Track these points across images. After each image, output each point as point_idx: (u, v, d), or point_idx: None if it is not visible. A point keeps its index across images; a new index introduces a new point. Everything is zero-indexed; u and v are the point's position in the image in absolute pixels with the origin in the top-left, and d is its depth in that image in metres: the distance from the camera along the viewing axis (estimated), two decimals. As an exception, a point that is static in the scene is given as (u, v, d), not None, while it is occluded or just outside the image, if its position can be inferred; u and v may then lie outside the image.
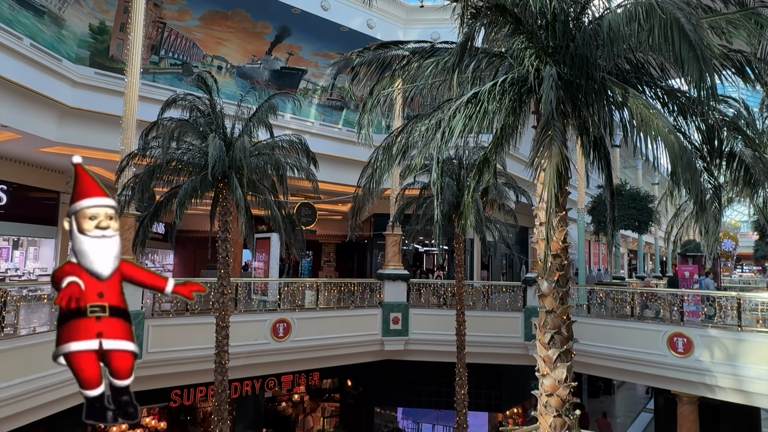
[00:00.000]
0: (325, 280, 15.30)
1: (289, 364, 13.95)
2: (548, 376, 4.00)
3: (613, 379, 25.40)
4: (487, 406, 16.71)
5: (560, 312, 3.98)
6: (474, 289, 16.67)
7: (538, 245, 4.02)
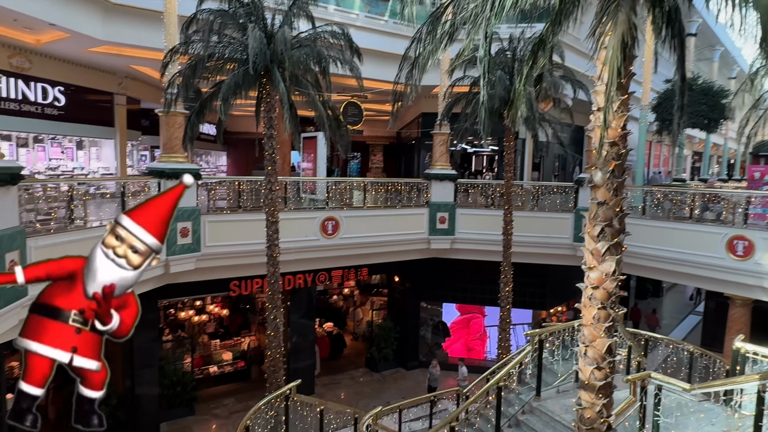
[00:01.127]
0: (373, 180, 15.35)
1: (338, 260, 14.50)
2: (595, 269, 3.88)
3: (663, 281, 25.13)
4: (531, 303, 17.04)
5: (613, 204, 3.76)
6: (523, 189, 16.31)
7: (593, 133, 3.73)
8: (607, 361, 3.87)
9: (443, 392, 11.24)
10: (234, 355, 16.11)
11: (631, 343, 8.44)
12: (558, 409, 7.19)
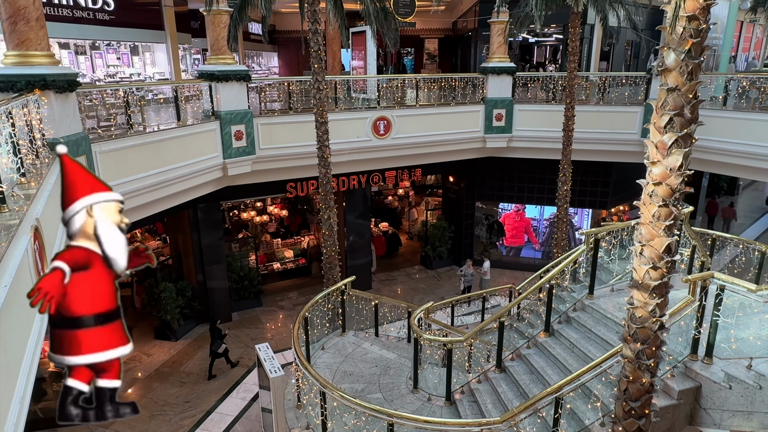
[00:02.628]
0: (425, 76, 14.66)
1: (390, 161, 14.40)
2: (659, 164, 3.55)
3: (739, 179, 23.52)
4: (591, 203, 16.51)
5: (686, 89, 3.33)
6: (588, 81, 15.12)
7: (669, 5, 3.21)
8: (664, 261, 3.67)
9: (496, 288, 11.44)
10: (295, 252, 16.96)
11: (696, 242, 8.05)
12: (611, 307, 7.13)
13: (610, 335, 6.68)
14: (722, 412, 5.39)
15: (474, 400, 7.33)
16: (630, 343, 3.98)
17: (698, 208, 21.61)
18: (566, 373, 6.37)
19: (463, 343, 7.66)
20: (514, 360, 7.60)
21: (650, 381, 3.99)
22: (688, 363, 5.67)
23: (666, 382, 5.60)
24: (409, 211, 20.90)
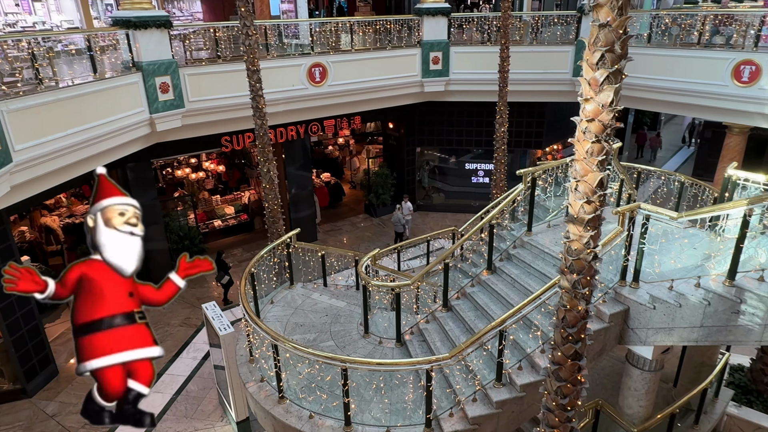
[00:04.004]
0: (359, 18, 14.18)
1: (328, 109, 14.06)
2: (591, 101, 3.64)
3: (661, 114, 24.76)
4: (527, 143, 16.97)
5: (617, 25, 3.38)
6: (522, 21, 15.16)
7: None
8: (597, 195, 3.84)
9: (440, 232, 11.70)
10: (236, 208, 16.53)
11: (624, 176, 8.49)
12: (548, 242, 7.49)
13: (548, 269, 7.04)
14: (647, 331, 5.89)
15: (423, 339, 7.61)
16: (567, 274, 4.20)
17: (625, 144, 22.76)
18: (509, 307, 6.70)
19: (410, 286, 7.86)
20: (459, 299, 7.90)
21: (585, 308, 4.25)
22: (617, 289, 6.10)
23: (598, 307, 6.03)
24: (350, 160, 20.73)
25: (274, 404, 6.42)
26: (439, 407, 6.03)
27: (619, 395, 6.86)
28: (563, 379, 4.50)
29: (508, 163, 13.12)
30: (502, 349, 5.80)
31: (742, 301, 5.14)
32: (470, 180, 18.01)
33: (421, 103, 15.80)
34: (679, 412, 7.08)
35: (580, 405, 4.69)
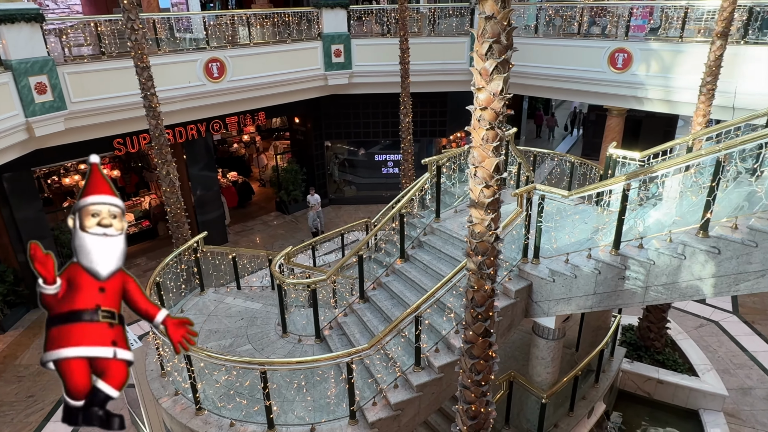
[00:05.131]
0: (256, 11, 13.75)
1: (230, 105, 13.55)
2: (483, 90, 3.81)
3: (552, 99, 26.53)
4: (432, 132, 17.47)
5: (501, 17, 3.55)
6: (419, 13, 15.53)
7: (480, -67, 3.35)
8: (495, 179, 4.03)
9: (354, 224, 11.75)
10: (136, 215, 15.50)
11: (521, 159, 9.02)
12: (455, 227, 7.78)
13: (458, 252, 7.33)
14: (549, 302, 6.33)
15: (343, 333, 7.63)
16: (472, 256, 4.39)
17: (522, 129, 24.18)
18: (423, 293, 6.89)
19: (326, 281, 7.82)
20: (375, 289, 8.00)
21: (491, 287, 4.48)
22: (521, 266, 6.49)
23: (505, 285, 6.38)
24: (257, 158, 20.17)
25: (191, 417, 6.14)
26: (362, 398, 6.09)
27: (528, 365, 7.34)
28: (476, 357, 4.71)
29: (416, 152, 13.44)
30: (419, 334, 5.97)
31: (626, 267, 5.67)
32: (380, 171, 18.23)
33: (326, 96, 15.70)
34: (581, 373, 7.71)
35: (494, 379, 4.95)
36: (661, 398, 9.24)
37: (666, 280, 5.42)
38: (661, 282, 5.45)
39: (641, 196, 6.60)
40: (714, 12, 10.01)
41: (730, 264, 4.91)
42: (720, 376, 9.34)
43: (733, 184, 5.63)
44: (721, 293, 5.16)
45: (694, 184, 5.85)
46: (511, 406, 7.33)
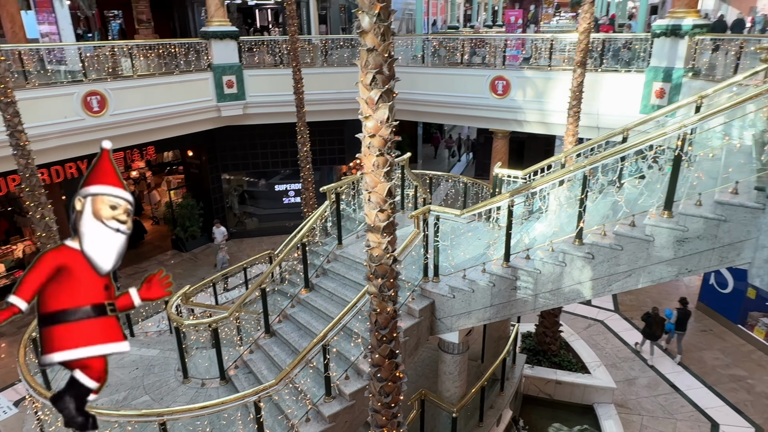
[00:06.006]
0: (139, 42, 13.16)
1: (115, 141, 12.55)
2: (371, 118, 3.96)
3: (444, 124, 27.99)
4: (331, 160, 17.63)
5: (382, 49, 3.74)
6: (312, 45, 15.77)
7: (356, -29, 3.53)
8: (388, 203, 4.17)
9: (257, 257, 11.43)
10: (7, 265, 13.88)
11: (417, 183, 9.38)
12: (358, 252, 7.87)
13: (362, 277, 7.39)
14: (451, 318, 6.58)
15: (250, 371, 7.34)
16: (373, 280, 4.47)
17: (419, 153, 25.19)
18: (330, 321, 6.83)
19: (228, 318, 7.51)
20: (282, 322, 7.82)
21: (393, 309, 4.57)
22: (422, 285, 6.69)
23: (409, 305, 6.54)
24: (149, 194, 19.02)
25: (80, 485, 5.51)
26: (273, 437, 5.87)
27: (438, 381, 7.52)
28: (384, 379, 4.76)
29: (316, 180, 13.45)
30: (327, 363, 5.90)
31: (517, 278, 6.07)
32: (282, 201, 17.99)
33: (221, 127, 15.30)
34: (487, 384, 8.05)
35: (405, 399, 5.02)
36: (561, 398, 9.88)
37: (552, 287, 5.87)
38: (548, 289, 5.90)
39: (525, 210, 7.13)
40: (574, 44, 11.25)
41: (603, 267, 5.44)
42: (608, 371, 10.21)
43: (599, 196, 6.27)
44: (598, 294, 5.69)
45: (568, 197, 6.45)
46: (425, 425, 7.45)
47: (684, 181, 5.00)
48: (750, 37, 10.96)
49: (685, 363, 10.90)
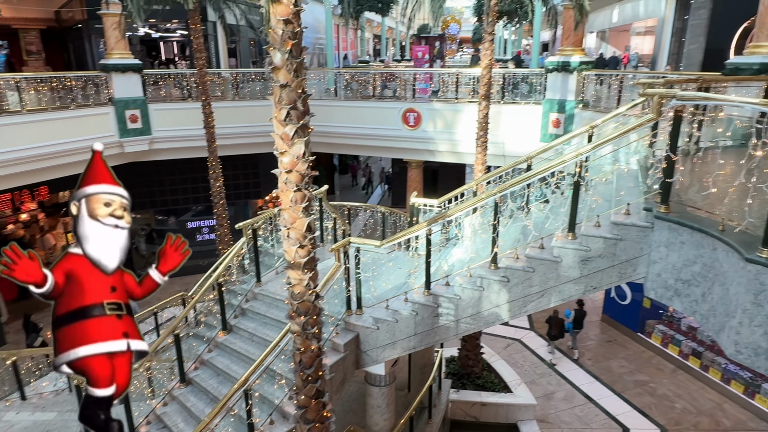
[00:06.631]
0: (28, 75, 12.18)
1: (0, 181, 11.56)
2: (287, 153, 3.91)
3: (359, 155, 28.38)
4: (246, 194, 17.18)
5: (295, 86, 3.74)
6: (222, 78, 15.46)
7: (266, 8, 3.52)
8: (308, 238, 4.11)
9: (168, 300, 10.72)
10: None
11: (336, 215, 9.36)
12: (278, 289, 7.64)
13: (282, 315, 7.17)
14: (377, 350, 6.53)
15: (164, 425, 6.78)
16: (295, 318, 4.35)
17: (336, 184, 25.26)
18: (251, 363, 6.53)
19: (138, 370, 6.93)
20: (198, 369, 7.34)
21: (318, 346, 4.47)
22: (346, 318, 6.60)
23: (333, 340, 6.41)
24: (42, 238, 17.33)
25: None
26: (192, 496, 5.42)
27: (366, 415, 7.38)
28: (311, 420, 4.60)
29: (231, 216, 13.02)
30: (250, 409, 5.60)
31: (438, 305, 6.18)
32: (195, 239, 17.13)
33: (126, 164, 14.41)
34: (415, 413, 8.03)
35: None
36: (486, 419, 10.07)
37: (472, 311, 6.03)
38: (469, 313, 6.05)
39: (443, 238, 7.33)
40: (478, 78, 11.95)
41: (518, 289, 5.69)
42: (528, 387, 10.59)
43: (510, 221, 6.60)
44: (515, 315, 5.92)
45: (482, 223, 6.72)
46: (355, 462, 7.25)
47: (584, 205, 5.40)
48: (627, 73, 12.28)
49: (595, 373, 11.58)
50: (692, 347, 11.34)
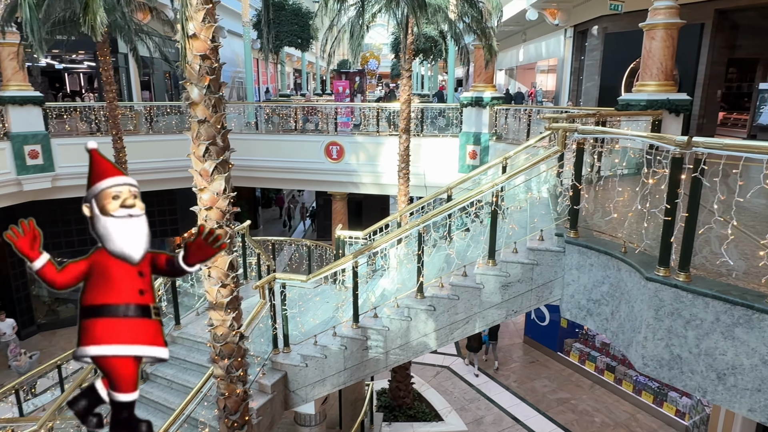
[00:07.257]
0: None
1: None
2: (206, 190, 3.80)
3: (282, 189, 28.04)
4: (162, 232, 16.32)
5: (214, 121, 3.66)
6: (134, 111, 14.79)
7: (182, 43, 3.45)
8: (230, 277, 3.97)
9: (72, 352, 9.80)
10: None
11: (259, 250, 9.13)
12: (200, 330, 7.25)
13: (204, 359, 6.78)
14: (306, 388, 6.34)
15: (69, 492, 6.11)
16: (218, 361, 4.14)
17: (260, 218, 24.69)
18: (170, 413, 6.09)
19: (39, 431, 6.24)
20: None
21: (244, 390, 4.27)
22: (273, 357, 6.38)
23: (260, 381, 6.15)
24: None
25: None
26: None
27: (297, 459, 7.09)
28: (238, 470, 4.35)
29: (146, 255, 12.27)
30: (169, 465, 5.20)
31: (367, 338, 6.14)
32: (105, 281, 15.96)
33: (25, 203, 13.24)
34: (348, 451, 7.83)
35: (260, 488, 4.62)
36: (419, 451, 10.03)
37: (401, 342, 6.05)
38: (398, 344, 6.07)
39: (369, 270, 7.35)
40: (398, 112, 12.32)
41: (444, 317, 5.80)
42: (459, 414, 10.71)
43: (434, 250, 6.76)
44: (443, 343, 6.01)
45: (407, 253, 6.83)
46: None
47: (502, 232, 5.66)
48: (534, 108, 13.20)
49: (521, 394, 11.94)
50: (606, 362, 12.04)
